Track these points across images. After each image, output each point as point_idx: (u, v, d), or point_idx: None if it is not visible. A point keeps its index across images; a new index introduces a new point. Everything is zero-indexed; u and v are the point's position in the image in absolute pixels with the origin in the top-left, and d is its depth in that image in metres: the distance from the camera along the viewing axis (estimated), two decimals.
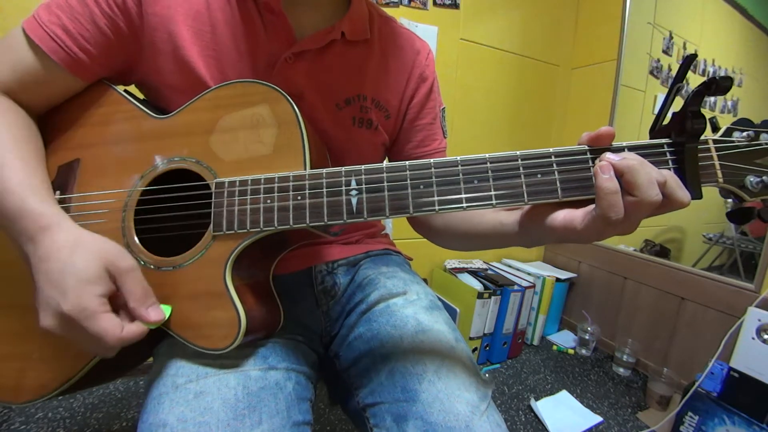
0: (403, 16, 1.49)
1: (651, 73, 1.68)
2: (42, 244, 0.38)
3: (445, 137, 0.68)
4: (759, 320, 1.12)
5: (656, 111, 1.70)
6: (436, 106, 0.66)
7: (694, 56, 0.40)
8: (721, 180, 0.37)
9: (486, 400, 0.48)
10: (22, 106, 0.47)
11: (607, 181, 0.34)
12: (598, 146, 0.38)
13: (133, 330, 0.38)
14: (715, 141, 0.38)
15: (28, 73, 0.46)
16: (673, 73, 1.65)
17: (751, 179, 0.37)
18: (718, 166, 0.37)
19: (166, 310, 0.42)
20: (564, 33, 1.91)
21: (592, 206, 0.36)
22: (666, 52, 1.66)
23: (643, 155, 0.37)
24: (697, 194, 0.36)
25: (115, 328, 0.37)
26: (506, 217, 0.48)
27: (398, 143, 0.66)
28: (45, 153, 0.48)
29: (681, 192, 0.35)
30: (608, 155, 0.36)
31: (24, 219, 0.39)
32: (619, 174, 0.35)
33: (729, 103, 1.51)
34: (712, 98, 1.42)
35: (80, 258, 0.37)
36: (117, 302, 0.39)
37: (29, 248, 0.39)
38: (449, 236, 0.62)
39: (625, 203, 0.34)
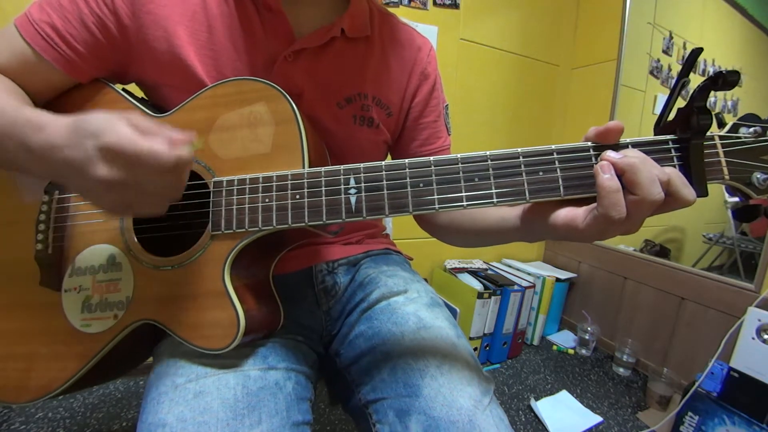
0: (403, 16, 1.49)
1: (651, 73, 1.68)
2: (49, 131, 0.36)
3: (449, 134, 0.68)
4: (759, 320, 1.12)
5: (656, 111, 1.69)
6: (439, 104, 0.66)
7: (700, 50, 0.39)
8: (727, 177, 0.36)
9: (488, 394, 0.48)
10: None
11: (607, 180, 0.34)
12: (604, 142, 0.37)
13: (181, 136, 0.36)
14: (721, 137, 0.37)
15: (21, 66, 0.46)
16: (673, 73, 1.65)
17: (758, 176, 0.36)
18: (724, 163, 0.36)
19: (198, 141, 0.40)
20: (564, 33, 1.91)
21: (594, 205, 0.35)
22: (666, 52, 1.66)
23: (648, 152, 0.36)
24: (702, 192, 0.36)
25: (163, 141, 0.35)
26: (508, 212, 0.48)
27: (402, 142, 0.66)
28: None
29: (686, 190, 0.34)
30: (609, 153, 0.35)
31: (23, 121, 0.37)
32: (620, 172, 0.34)
33: (729, 103, 1.51)
34: (712, 98, 1.42)
35: (92, 115, 0.35)
36: None
37: (36, 139, 0.36)
38: (453, 232, 0.62)
39: (626, 202, 0.34)
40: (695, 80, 0.33)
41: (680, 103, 0.38)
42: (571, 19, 1.91)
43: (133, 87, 0.55)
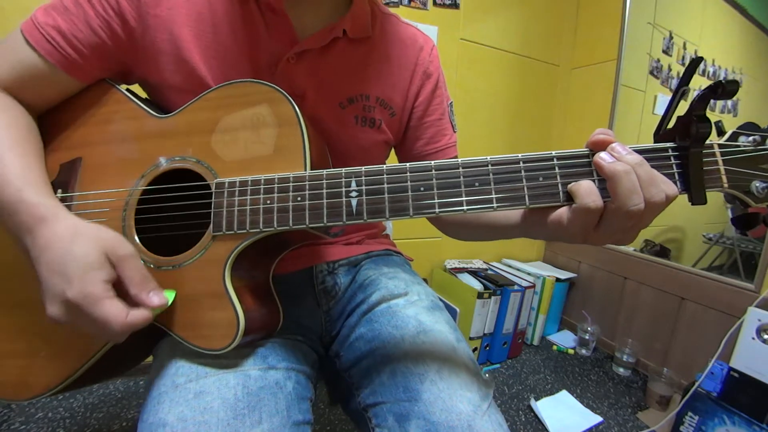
0: (403, 16, 1.49)
1: (651, 73, 1.68)
2: (40, 235, 0.38)
3: (454, 131, 0.68)
4: (759, 320, 1.12)
5: (656, 111, 1.68)
6: (443, 102, 0.66)
7: (700, 59, 0.40)
8: (726, 185, 0.37)
9: (487, 399, 0.48)
10: (22, 105, 0.48)
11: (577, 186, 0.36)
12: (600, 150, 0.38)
13: (137, 315, 0.38)
14: (720, 145, 0.37)
15: (26, 73, 0.46)
16: (674, 73, 1.65)
17: (757, 184, 0.36)
18: (723, 171, 0.37)
19: (169, 295, 0.42)
20: (564, 33, 1.91)
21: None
22: (666, 52, 1.65)
23: (647, 160, 0.36)
24: (701, 199, 0.36)
25: (120, 314, 0.37)
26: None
27: (407, 141, 0.66)
28: (45, 151, 0.48)
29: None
30: (601, 155, 0.36)
31: (21, 211, 0.39)
32: (605, 177, 0.35)
33: (729, 103, 1.51)
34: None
35: (80, 246, 0.38)
36: (121, 290, 0.39)
37: (27, 241, 0.39)
38: (458, 227, 0.62)
39: (606, 209, 0.35)
40: (695, 79, 0.34)
41: (681, 109, 0.39)
42: (571, 19, 1.91)
43: (136, 87, 0.55)
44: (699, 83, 0.36)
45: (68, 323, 0.38)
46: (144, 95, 0.55)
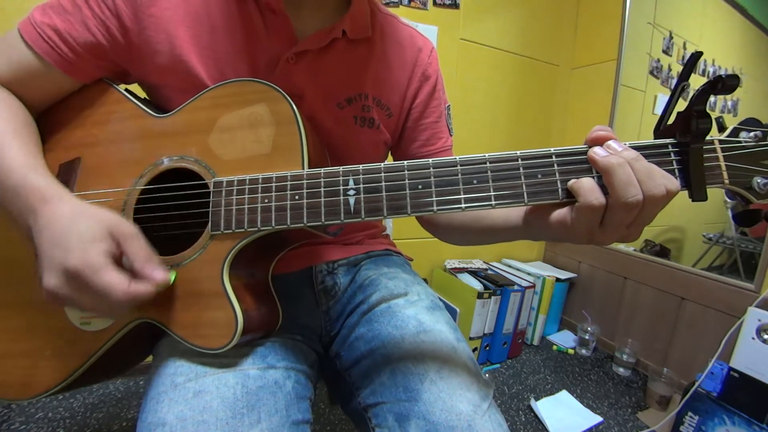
0: (403, 16, 1.49)
1: (651, 73, 1.68)
2: (43, 214, 0.39)
3: (451, 135, 0.68)
4: (759, 320, 1.11)
5: (656, 111, 1.68)
6: (440, 104, 0.66)
7: (699, 54, 0.39)
8: (726, 181, 0.36)
9: (487, 399, 0.48)
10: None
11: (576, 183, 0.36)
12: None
13: (140, 286, 0.38)
14: (721, 141, 0.37)
15: (23, 71, 0.47)
16: (673, 73, 1.65)
17: (758, 180, 0.36)
18: (724, 167, 0.36)
19: (171, 275, 0.42)
20: (564, 33, 1.91)
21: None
22: (666, 52, 1.65)
23: (647, 156, 0.36)
24: (701, 196, 0.36)
25: (122, 282, 0.37)
26: (512, 211, 0.48)
27: (403, 143, 0.66)
28: (44, 151, 0.49)
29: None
30: (595, 149, 0.36)
31: (25, 193, 0.40)
32: (600, 171, 0.35)
33: (729, 103, 1.51)
34: (712, 98, 1.41)
35: (83, 222, 0.38)
36: (122, 267, 0.39)
37: (30, 220, 0.39)
38: (454, 231, 0.62)
39: (607, 205, 0.35)
40: (695, 80, 0.33)
41: (681, 106, 0.38)
42: (571, 19, 1.91)
43: (135, 87, 0.56)
44: (699, 83, 0.36)
45: (65, 296, 0.37)
46: (143, 95, 0.55)
